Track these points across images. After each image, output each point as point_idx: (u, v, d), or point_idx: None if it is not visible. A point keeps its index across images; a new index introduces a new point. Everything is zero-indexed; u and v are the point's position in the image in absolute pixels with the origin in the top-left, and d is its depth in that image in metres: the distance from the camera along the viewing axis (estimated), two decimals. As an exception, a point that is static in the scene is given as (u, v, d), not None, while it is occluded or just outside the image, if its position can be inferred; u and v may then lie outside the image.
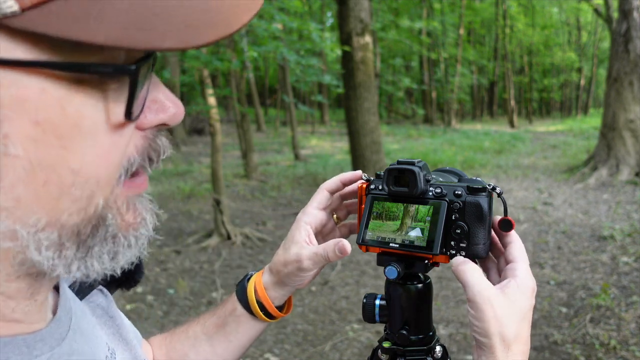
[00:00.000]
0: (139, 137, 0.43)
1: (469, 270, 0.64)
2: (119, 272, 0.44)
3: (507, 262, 0.67)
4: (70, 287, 0.58)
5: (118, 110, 0.39)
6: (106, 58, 0.38)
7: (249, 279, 0.81)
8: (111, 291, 0.69)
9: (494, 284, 0.64)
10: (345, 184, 0.80)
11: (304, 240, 0.76)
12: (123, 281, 0.68)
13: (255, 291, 0.78)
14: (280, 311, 0.80)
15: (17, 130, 0.35)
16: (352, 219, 0.83)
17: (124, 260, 0.44)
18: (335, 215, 0.83)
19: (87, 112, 0.38)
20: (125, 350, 0.63)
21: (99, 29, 0.33)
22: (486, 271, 0.72)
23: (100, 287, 0.67)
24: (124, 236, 0.43)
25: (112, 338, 0.62)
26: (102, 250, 0.42)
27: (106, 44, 0.34)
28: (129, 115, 0.40)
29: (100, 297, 0.66)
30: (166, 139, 0.46)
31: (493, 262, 0.72)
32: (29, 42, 0.34)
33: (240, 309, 0.79)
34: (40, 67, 0.35)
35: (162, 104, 0.43)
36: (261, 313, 0.78)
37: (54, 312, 0.49)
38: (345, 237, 0.82)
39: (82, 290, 0.61)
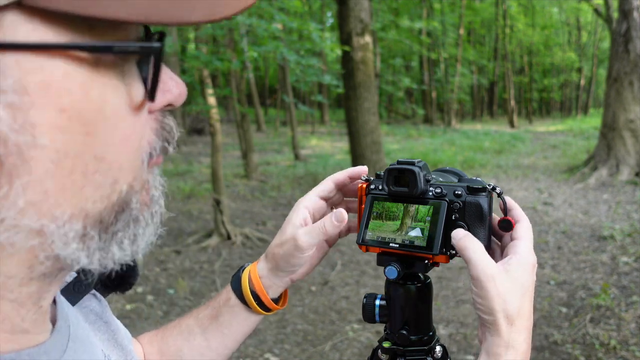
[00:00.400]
0: (152, 120, 0.42)
1: (472, 247, 0.64)
2: (140, 255, 0.42)
3: (512, 240, 0.67)
4: (60, 292, 0.56)
5: (134, 92, 0.38)
6: (121, 37, 0.36)
7: (244, 269, 0.79)
8: (105, 295, 0.67)
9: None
10: (353, 179, 0.79)
11: (300, 223, 0.74)
12: (117, 284, 0.65)
13: (250, 280, 0.76)
14: (275, 304, 0.78)
15: (44, 118, 0.33)
16: (351, 218, 0.83)
17: (143, 241, 0.42)
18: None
19: (109, 95, 0.36)
20: (121, 356, 0.62)
21: (124, 5, 0.32)
22: (491, 254, 0.71)
23: (94, 291, 0.64)
24: (143, 216, 0.42)
25: (106, 344, 0.60)
26: (124, 236, 0.40)
27: (136, 20, 0.32)
28: (152, 95, 0.38)
29: (93, 301, 0.64)
30: (173, 118, 0.45)
31: (497, 245, 0.72)
32: (49, 23, 0.32)
33: (234, 299, 0.77)
34: (66, 49, 0.33)
35: (166, 84, 0.42)
36: (255, 303, 0.75)
37: (52, 321, 0.47)
38: (343, 235, 0.81)
39: (74, 295, 0.58)
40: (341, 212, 0.71)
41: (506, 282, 0.61)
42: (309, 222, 0.75)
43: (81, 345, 0.49)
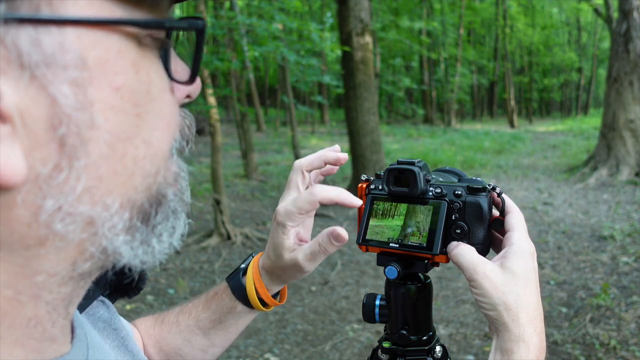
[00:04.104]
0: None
1: (462, 252, 0.64)
2: (177, 246, 0.41)
3: (505, 233, 0.66)
4: None
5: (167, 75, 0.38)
6: (160, 15, 0.36)
7: (244, 273, 0.76)
8: (113, 300, 0.65)
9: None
10: (329, 163, 0.73)
11: (293, 245, 0.71)
12: (127, 290, 0.64)
13: (256, 289, 0.76)
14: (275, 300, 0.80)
15: (100, 96, 0.32)
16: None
17: (178, 233, 0.41)
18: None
19: (154, 76, 0.36)
20: None
21: None
22: (497, 252, 0.70)
23: (102, 298, 0.62)
24: (178, 208, 0.41)
25: (117, 351, 0.59)
26: (165, 228, 0.39)
27: None
28: (193, 76, 0.38)
29: (101, 308, 0.61)
30: (190, 114, 0.44)
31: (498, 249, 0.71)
32: None
33: (240, 307, 0.76)
34: (121, 25, 0.32)
35: (183, 75, 0.40)
36: (261, 306, 0.76)
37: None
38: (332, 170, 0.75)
39: (82, 301, 0.56)
40: (339, 233, 0.65)
41: (501, 275, 0.61)
42: (303, 235, 0.73)
43: (99, 354, 0.48)
